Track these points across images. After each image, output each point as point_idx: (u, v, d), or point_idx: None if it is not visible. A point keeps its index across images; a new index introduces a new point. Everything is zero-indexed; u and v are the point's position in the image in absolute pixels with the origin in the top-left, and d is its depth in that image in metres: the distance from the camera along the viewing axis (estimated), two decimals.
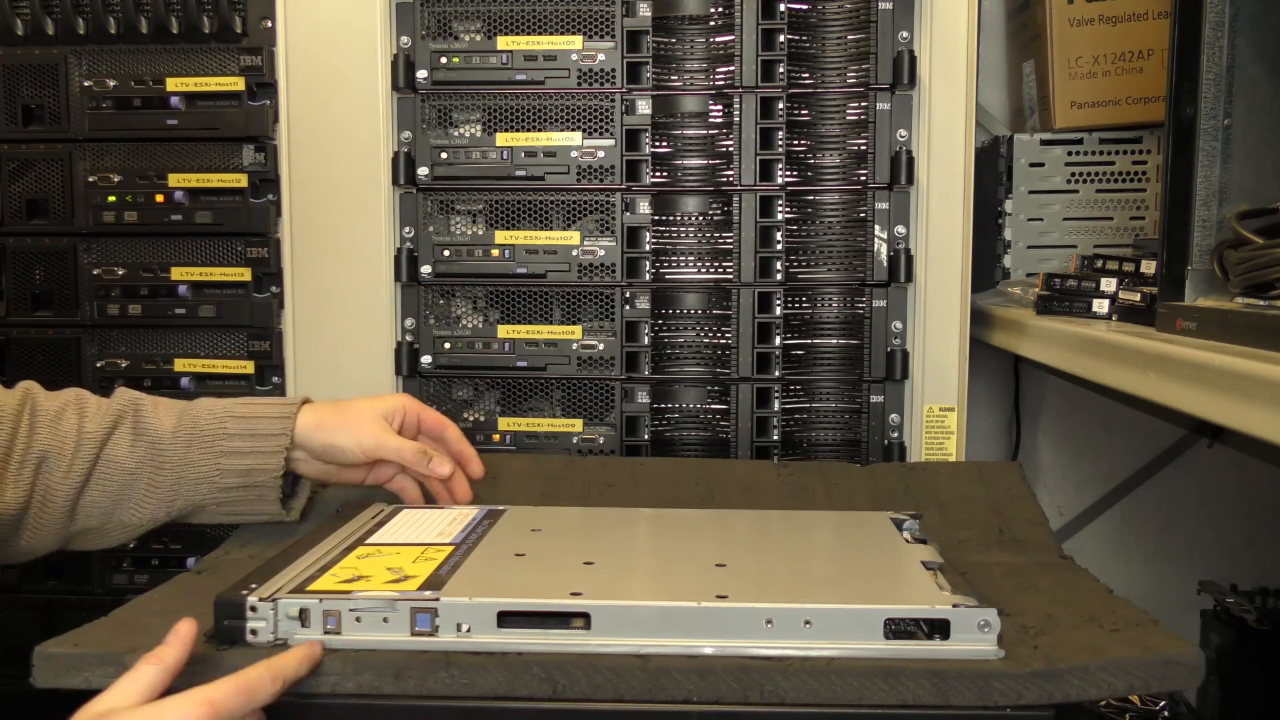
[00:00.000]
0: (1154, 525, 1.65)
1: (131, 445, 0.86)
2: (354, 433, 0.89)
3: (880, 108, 1.11)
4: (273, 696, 0.61)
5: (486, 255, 1.13)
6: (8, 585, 1.18)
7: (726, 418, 1.13)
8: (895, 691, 0.62)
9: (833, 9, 1.11)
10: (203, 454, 0.87)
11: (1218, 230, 0.88)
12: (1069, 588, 0.78)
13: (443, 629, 0.66)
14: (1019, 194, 1.35)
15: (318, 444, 0.89)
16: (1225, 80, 0.87)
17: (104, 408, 0.87)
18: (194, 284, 1.16)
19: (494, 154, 1.12)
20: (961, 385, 1.13)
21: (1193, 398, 0.73)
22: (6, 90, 1.15)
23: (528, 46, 1.11)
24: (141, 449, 0.86)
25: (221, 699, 0.59)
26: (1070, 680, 0.62)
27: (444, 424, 0.94)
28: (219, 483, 0.87)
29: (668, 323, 1.14)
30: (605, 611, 0.65)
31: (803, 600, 0.65)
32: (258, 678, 0.61)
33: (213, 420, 0.88)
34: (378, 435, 0.89)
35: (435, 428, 0.94)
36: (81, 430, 0.85)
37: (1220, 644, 1.32)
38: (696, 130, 1.12)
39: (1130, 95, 1.32)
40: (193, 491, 0.87)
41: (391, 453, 0.89)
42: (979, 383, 1.59)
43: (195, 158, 1.14)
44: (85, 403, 0.87)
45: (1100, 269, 1.09)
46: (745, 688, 0.62)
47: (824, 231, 1.13)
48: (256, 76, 1.13)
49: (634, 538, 0.86)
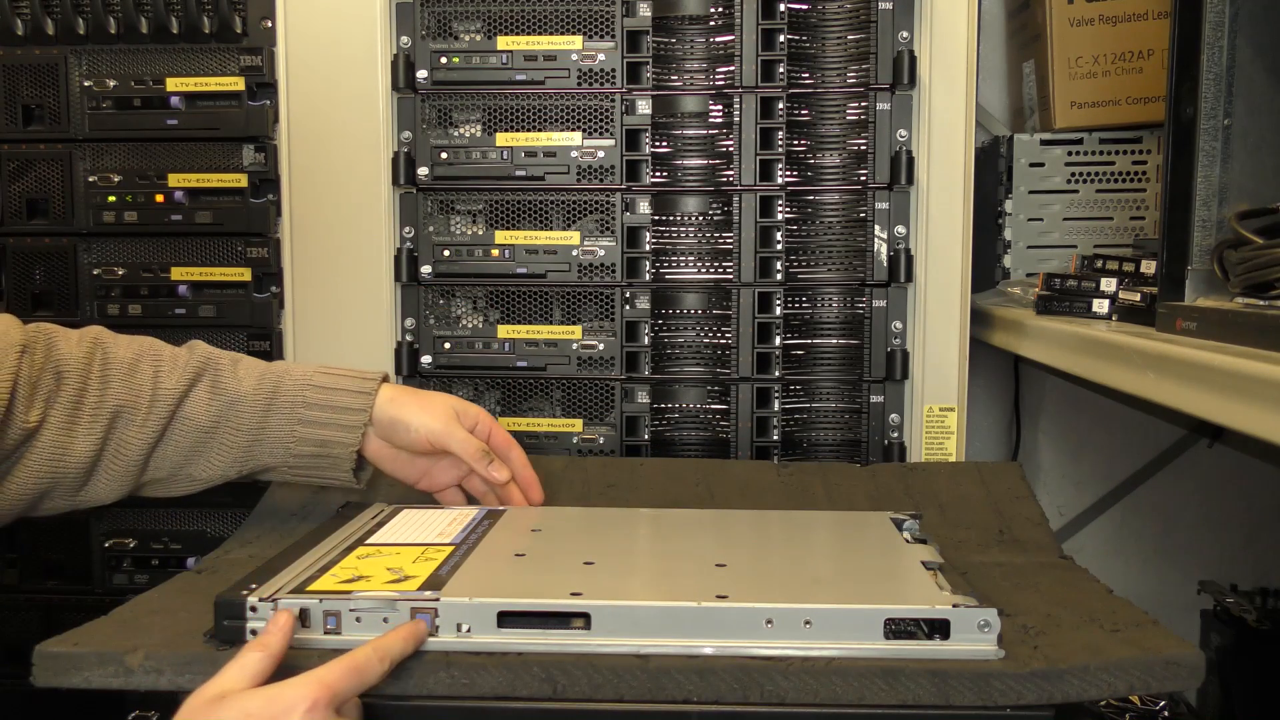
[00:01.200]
0: (1154, 525, 1.65)
1: (208, 403, 0.87)
2: (424, 415, 0.89)
3: (880, 108, 1.11)
4: (381, 677, 0.62)
5: (486, 255, 1.13)
6: (8, 585, 1.18)
7: (726, 418, 1.13)
8: (895, 691, 0.62)
9: (833, 9, 1.11)
10: (281, 419, 0.88)
11: (1218, 230, 0.88)
12: (1069, 588, 0.78)
13: (443, 629, 0.66)
14: (1019, 194, 1.35)
15: (386, 418, 0.89)
16: (1225, 80, 0.87)
17: (180, 362, 0.88)
18: (194, 284, 1.16)
19: (494, 154, 1.12)
20: (961, 385, 1.13)
21: (1193, 398, 0.73)
22: (6, 90, 1.15)
23: (528, 46, 1.11)
24: (218, 407, 0.87)
25: (335, 680, 0.60)
26: (1070, 680, 0.62)
27: (511, 444, 0.94)
28: (294, 449, 0.88)
29: (668, 323, 1.14)
30: (605, 611, 0.65)
31: (803, 600, 0.65)
32: (366, 659, 0.62)
33: (294, 387, 0.88)
34: (447, 423, 0.89)
35: (503, 446, 0.94)
36: (157, 384, 0.86)
37: (1220, 644, 1.32)
38: (696, 130, 1.12)
39: (1130, 95, 1.32)
40: (268, 454, 0.88)
41: (456, 443, 0.89)
42: (979, 383, 1.59)
43: (195, 158, 1.14)
44: (160, 355, 0.88)
45: (1100, 269, 1.09)
46: (745, 688, 0.63)
47: (824, 231, 1.13)
48: (256, 76, 1.13)
49: (634, 538, 0.86)
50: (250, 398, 0.87)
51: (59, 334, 0.86)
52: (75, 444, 0.83)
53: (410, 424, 0.89)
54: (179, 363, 0.88)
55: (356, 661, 0.62)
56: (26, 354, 0.82)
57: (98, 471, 0.85)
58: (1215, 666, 1.31)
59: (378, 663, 0.62)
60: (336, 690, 0.60)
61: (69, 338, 0.86)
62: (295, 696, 0.59)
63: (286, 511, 0.98)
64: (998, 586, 0.78)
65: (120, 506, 1.16)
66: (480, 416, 0.93)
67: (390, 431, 0.90)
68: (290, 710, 0.58)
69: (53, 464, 0.83)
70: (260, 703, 0.59)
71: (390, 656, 0.63)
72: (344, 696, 0.61)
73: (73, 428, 0.83)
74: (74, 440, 0.83)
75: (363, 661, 0.62)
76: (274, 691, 0.59)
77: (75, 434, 0.83)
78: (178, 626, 0.70)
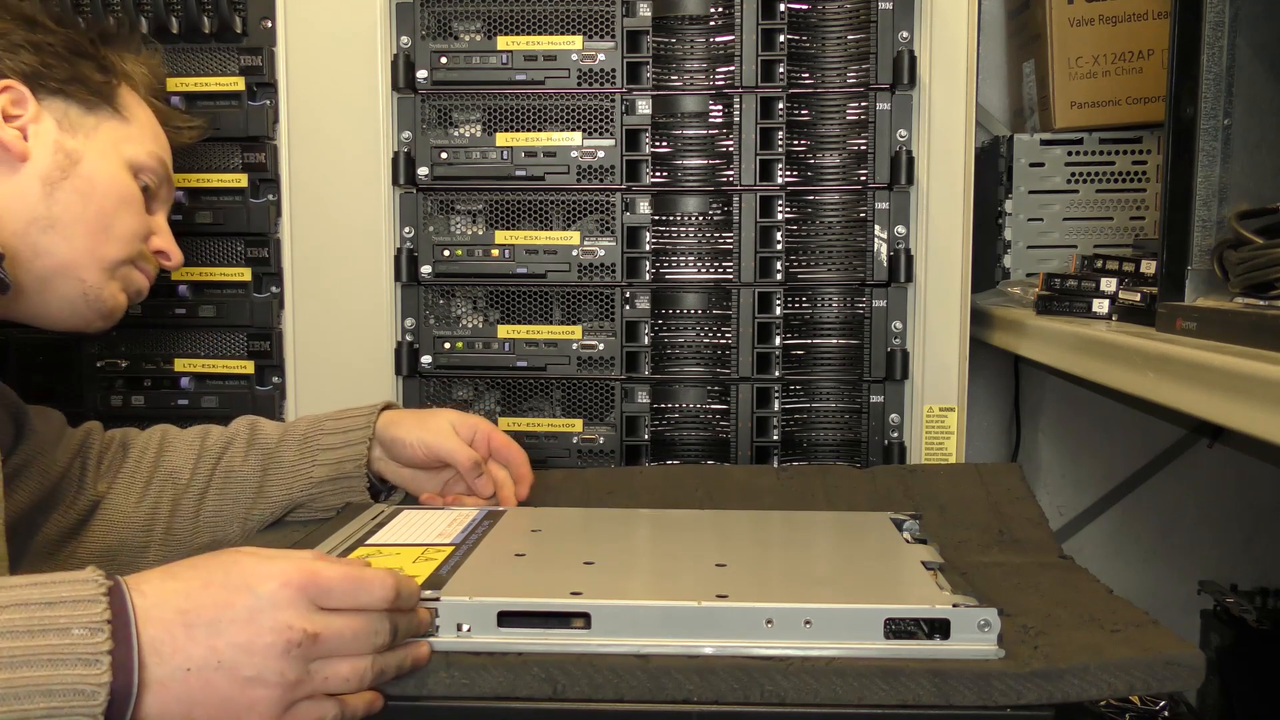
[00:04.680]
0: (1154, 525, 1.65)
1: (245, 455, 0.95)
2: (419, 430, 0.95)
3: (880, 108, 1.11)
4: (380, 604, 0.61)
5: (486, 255, 1.13)
6: None
7: (726, 418, 1.13)
8: (895, 691, 0.62)
9: (833, 9, 1.11)
10: (300, 455, 0.94)
11: (1218, 230, 0.88)
12: (1069, 588, 0.78)
13: (443, 629, 0.66)
14: (1019, 194, 1.35)
15: (388, 437, 0.95)
16: (1225, 80, 0.87)
17: (225, 430, 0.98)
18: (194, 284, 1.16)
19: (494, 154, 1.12)
20: (961, 385, 1.13)
21: (1193, 398, 0.73)
22: None
23: (528, 46, 1.11)
24: (255, 458, 0.94)
25: (327, 578, 0.59)
26: (1070, 680, 0.62)
27: (512, 447, 0.99)
28: (313, 476, 0.94)
29: (668, 323, 1.14)
30: (605, 611, 0.65)
31: (803, 600, 0.65)
32: (371, 578, 0.61)
33: (311, 426, 0.97)
34: (441, 436, 0.94)
35: (504, 450, 0.98)
36: (203, 446, 0.95)
37: (1220, 644, 1.32)
38: (696, 130, 1.12)
39: (1130, 95, 1.32)
40: (289, 489, 0.94)
41: (448, 453, 0.94)
42: (979, 383, 1.59)
43: (195, 158, 1.14)
44: (210, 430, 0.98)
45: (1100, 269, 1.09)
46: (745, 688, 0.62)
47: (824, 231, 1.13)
48: (256, 76, 1.13)
49: (634, 538, 0.86)
50: (278, 443, 0.95)
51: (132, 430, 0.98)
52: (133, 505, 0.93)
53: (407, 439, 0.94)
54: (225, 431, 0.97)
55: (362, 575, 0.61)
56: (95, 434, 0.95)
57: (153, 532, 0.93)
58: (1215, 666, 1.31)
59: (380, 585, 0.61)
60: (326, 586, 0.59)
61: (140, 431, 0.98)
62: (280, 566, 0.59)
63: None
64: (998, 587, 0.77)
65: None
66: (479, 425, 0.97)
67: (393, 449, 0.95)
68: (264, 578, 0.58)
69: (115, 527, 0.92)
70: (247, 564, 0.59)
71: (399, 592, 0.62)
72: (333, 599, 0.59)
73: (130, 489, 0.93)
74: (130, 501, 0.93)
75: (367, 576, 0.61)
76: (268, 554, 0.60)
77: (132, 494, 0.93)
78: None
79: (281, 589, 0.58)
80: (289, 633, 0.57)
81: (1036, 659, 0.63)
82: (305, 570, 0.59)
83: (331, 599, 0.60)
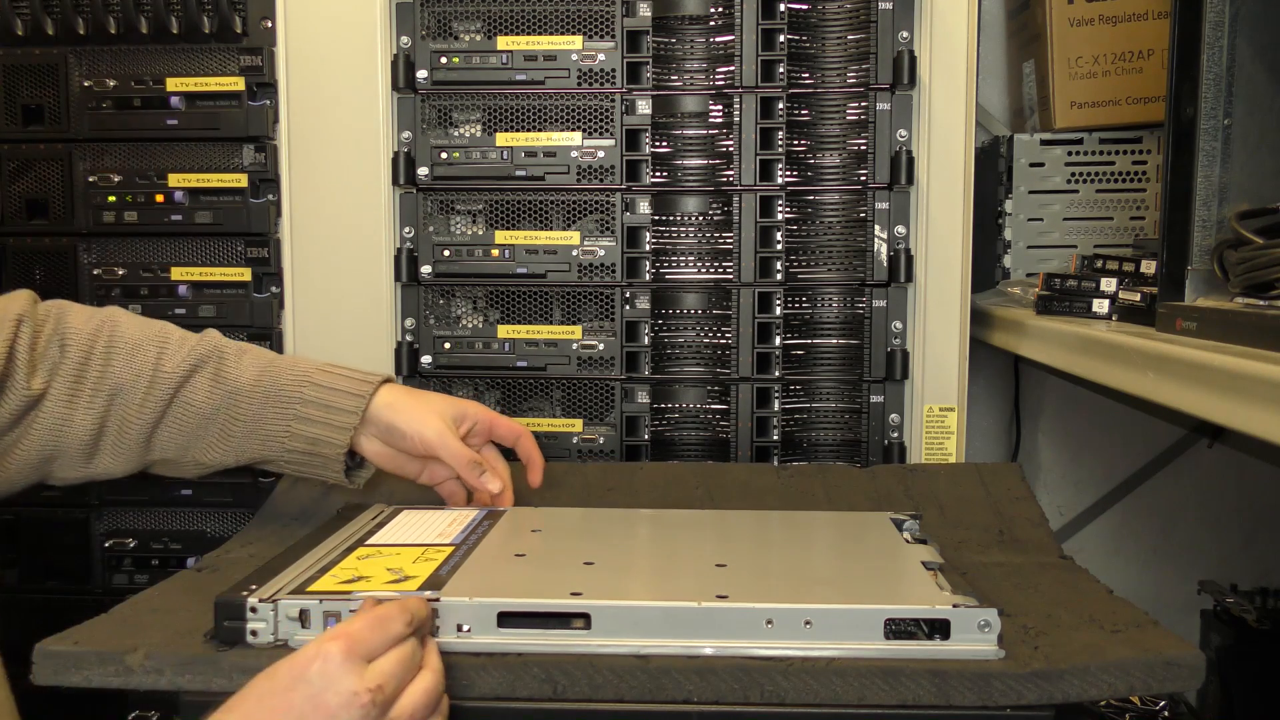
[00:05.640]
0: (1154, 525, 1.65)
1: (210, 391, 0.88)
2: (417, 423, 0.90)
3: (880, 108, 1.11)
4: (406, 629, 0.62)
5: (486, 255, 1.13)
6: (8, 585, 1.18)
7: (726, 418, 1.13)
8: (895, 691, 0.62)
9: (833, 9, 1.11)
10: (277, 413, 0.89)
11: (1218, 230, 0.88)
12: (1069, 588, 0.78)
13: (443, 629, 0.66)
14: (1019, 194, 1.35)
15: (383, 422, 0.90)
16: (1225, 80, 0.87)
17: (186, 348, 0.89)
18: (194, 284, 1.16)
19: (494, 154, 1.12)
20: (961, 385, 1.13)
21: (1193, 398, 0.73)
22: (6, 90, 1.15)
23: (528, 46, 1.11)
24: (219, 396, 0.88)
25: (356, 631, 0.60)
26: (1070, 680, 0.62)
27: (519, 433, 0.96)
28: (287, 444, 0.89)
29: (668, 323, 1.14)
30: (605, 612, 0.65)
31: (803, 600, 0.65)
32: (387, 611, 0.62)
33: (293, 382, 0.89)
34: (440, 433, 0.90)
35: (509, 436, 0.96)
36: (158, 368, 0.87)
37: (1220, 644, 1.32)
38: (696, 130, 1.12)
39: (1130, 95, 1.32)
40: (262, 446, 0.89)
41: (447, 455, 0.90)
42: (979, 383, 1.59)
43: (195, 158, 1.14)
44: (168, 339, 0.89)
45: (1100, 269, 1.09)
46: (745, 688, 0.62)
47: (824, 231, 1.13)
48: (256, 76, 1.13)
49: (634, 538, 0.86)
50: (249, 390, 0.88)
51: (72, 309, 0.88)
52: (76, 416, 0.85)
53: (404, 431, 0.90)
54: (184, 348, 0.89)
55: (378, 614, 0.62)
56: (27, 323, 0.84)
57: (102, 445, 0.87)
58: (1215, 666, 1.31)
59: (399, 614, 0.62)
60: (359, 639, 0.60)
61: (81, 313, 0.88)
62: (314, 651, 0.59)
63: (289, 514, 0.98)
64: (998, 587, 0.78)
65: (120, 507, 1.17)
66: (479, 416, 0.94)
67: (388, 436, 0.91)
68: (307, 662, 0.59)
69: (54, 434, 0.85)
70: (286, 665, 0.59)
71: (414, 615, 0.63)
72: (372, 648, 0.60)
73: (74, 400, 0.85)
74: (75, 412, 0.85)
75: (385, 614, 0.62)
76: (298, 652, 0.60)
77: (76, 406, 0.85)
78: (178, 626, 0.70)
79: (327, 664, 0.59)
80: (356, 698, 0.58)
81: (1036, 659, 0.63)
82: (336, 636, 0.60)
83: (370, 647, 0.60)
